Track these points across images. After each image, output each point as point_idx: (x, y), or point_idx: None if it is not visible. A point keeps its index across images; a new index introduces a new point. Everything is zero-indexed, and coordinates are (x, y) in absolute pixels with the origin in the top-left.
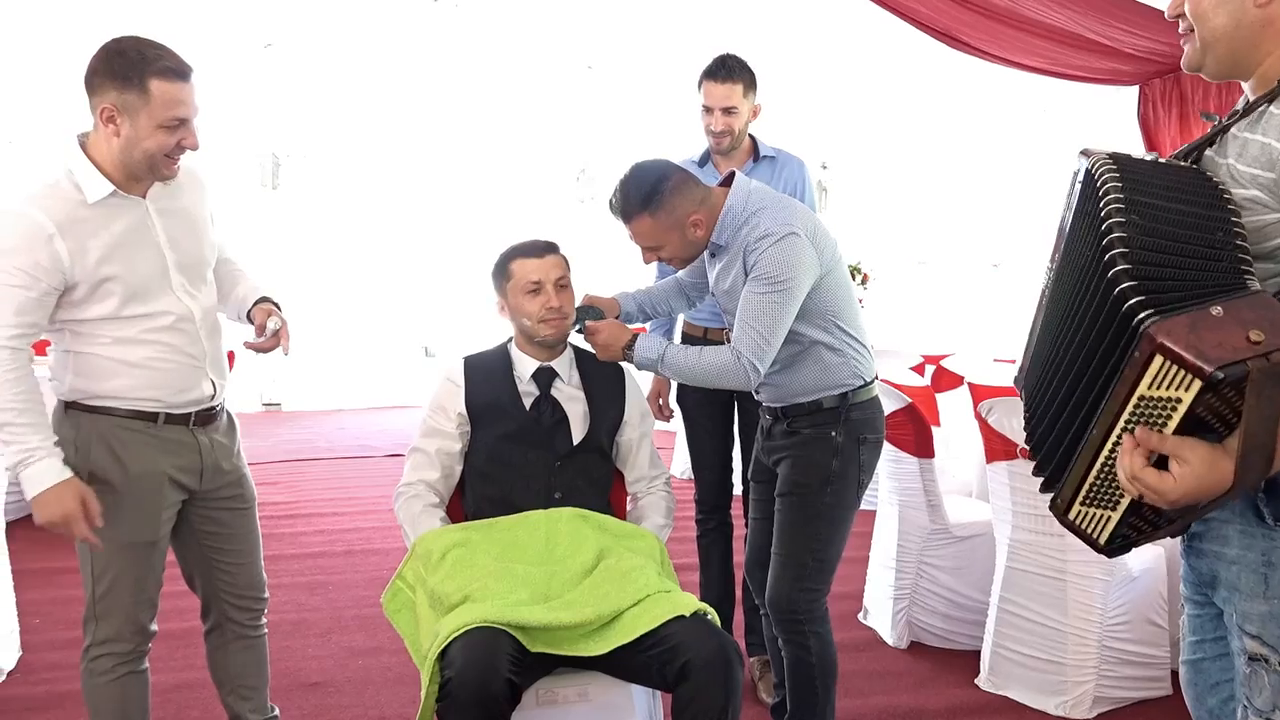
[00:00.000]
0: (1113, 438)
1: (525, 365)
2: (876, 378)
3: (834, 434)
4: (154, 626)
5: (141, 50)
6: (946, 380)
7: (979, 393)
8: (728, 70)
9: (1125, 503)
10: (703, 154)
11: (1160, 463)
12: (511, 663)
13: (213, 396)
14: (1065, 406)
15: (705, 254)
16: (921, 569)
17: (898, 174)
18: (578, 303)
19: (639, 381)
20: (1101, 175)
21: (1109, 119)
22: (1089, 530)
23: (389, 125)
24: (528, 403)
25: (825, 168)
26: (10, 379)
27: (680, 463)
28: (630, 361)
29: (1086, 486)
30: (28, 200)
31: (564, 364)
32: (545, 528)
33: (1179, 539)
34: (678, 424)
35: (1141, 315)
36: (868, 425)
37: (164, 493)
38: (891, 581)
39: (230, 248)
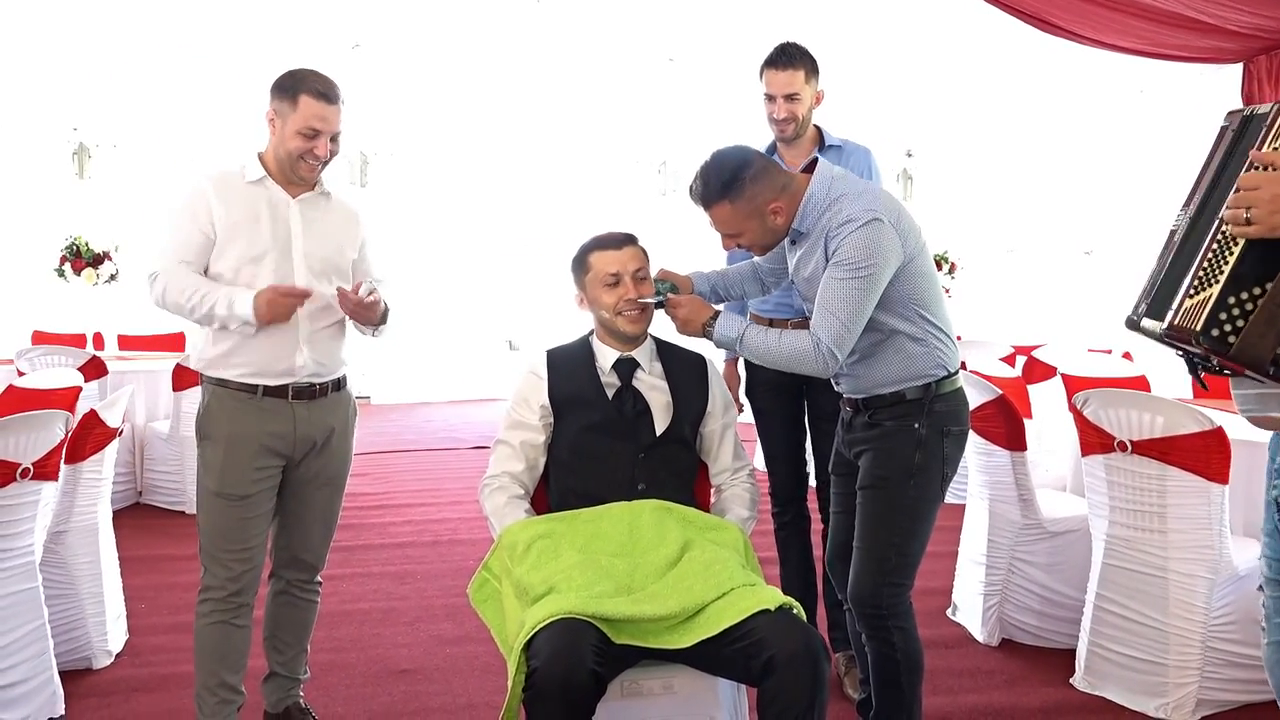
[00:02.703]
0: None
1: (606, 356)
2: (961, 369)
3: (917, 426)
4: (250, 580)
5: (303, 74)
6: (1039, 371)
7: (1073, 384)
8: (788, 57)
9: (1228, 271)
10: (768, 146)
11: None
12: (596, 654)
13: (306, 370)
14: (1189, 259)
15: (785, 241)
16: (1013, 565)
17: (985, 160)
18: (653, 275)
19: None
20: (1271, 114)
21: (1210, 98)
22: (1188, 325)
23: (473, 122)
24: (610, 394)
25: (911, 155)
26: (180, 275)
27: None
28: (709, 338)
29: (1192, 279)
30: (203, 174)
31: (645, 354)
32: (628, 520)
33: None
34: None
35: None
36: (952, 417)
37: (254, 454)
38: (982, 577)
39: (385, 275)
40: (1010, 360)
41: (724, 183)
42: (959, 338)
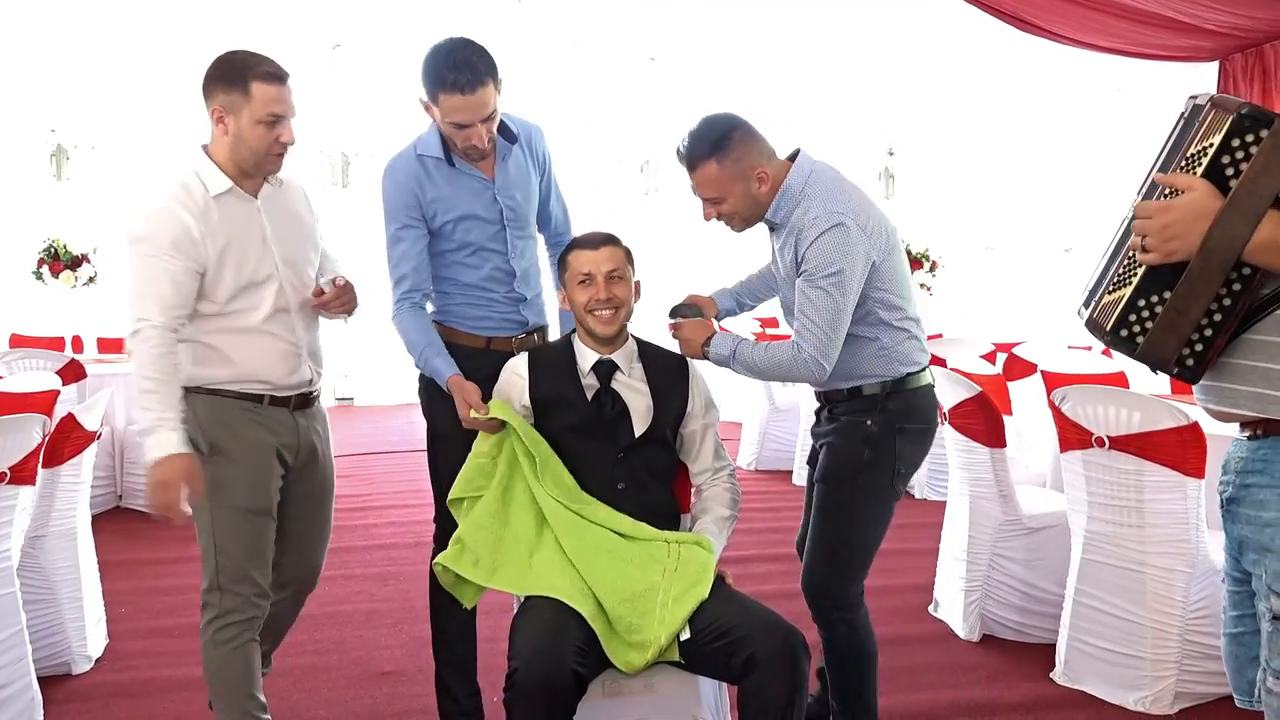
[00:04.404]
0: None
1: (587, 358)
2: (928, 366)
3: (869, 422)
4: (269, 593)
5: (245, 58)
6: (1019, 368)
7: (1052, 380)
8: (475, 74)
9: (1139, 276)
10: (444, 150)
11: None
12: (578, 654)
13: (311, 381)
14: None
15: (767, 229)
16: (994, 561)
17: (966, 159)
18: (682, 300)
19: (703, 374)
20: (1201, 117)
21: (1187, 96)
22: (1103, 323)
23: None
24: (590, 395)
25: (892, 154)
26: (160, 353)
27: (746, 455)
28: (708, 359)
29: (1113, 275)
30: (169, 198)
31: (624, 356)
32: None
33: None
34: (744, 415)
35: (1212, 96)
36: (908, 415)
37: (273, 463)
38: (963, 574)
39: (331, 248)
40: (991, 357)
41: (713, 140)
42: (939, 335)
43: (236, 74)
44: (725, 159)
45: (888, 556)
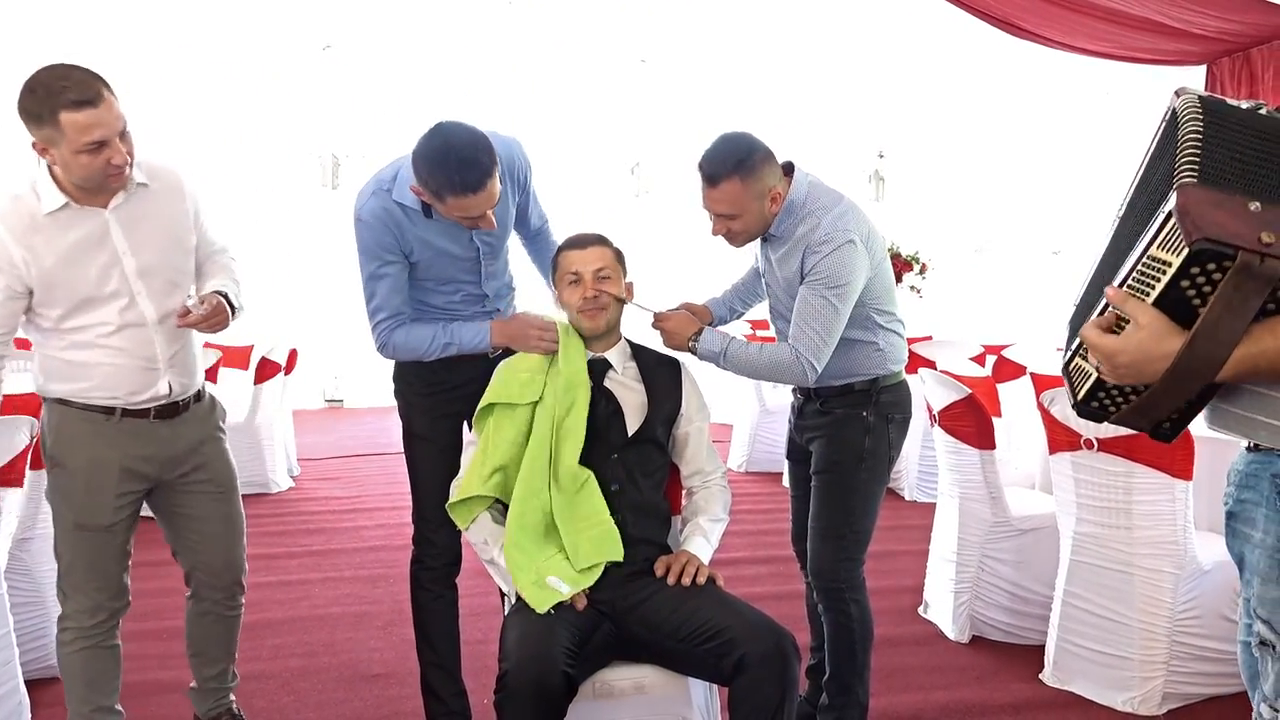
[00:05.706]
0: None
1: None
2: (932, 366)
3: (865, 414)
4: (117, 605)
5: (49, 85)
6: (1008, 370)
7: (1041, 382)
8: (481, 169)
9: None
10: (423, 205)
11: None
12: (567, 655)
13: (169, 394)
14: (1098, 288)
15: (760, 240)
16: (983, 562)
17: (955, 161)
18: (676, 307)
19: (697, 376)
20: (1186, 114)
21: (1172, 92)
22: (1075, 385)
23: None
24: None
25: (882, 156)
26: None
27: (737, 456)
28: (694, 353)
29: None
30: None
31: (618, 355)
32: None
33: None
34: (735, 417)
35: (1185, 178)
36: (896, 406)
37: (114, 481)
38: (952, 575)
39: (224, 240)
40: (980, 360)
41: (738, 159)
42: (928, 338)
43: (42, 107)
44: (750, 178)
45: (878, 558)
